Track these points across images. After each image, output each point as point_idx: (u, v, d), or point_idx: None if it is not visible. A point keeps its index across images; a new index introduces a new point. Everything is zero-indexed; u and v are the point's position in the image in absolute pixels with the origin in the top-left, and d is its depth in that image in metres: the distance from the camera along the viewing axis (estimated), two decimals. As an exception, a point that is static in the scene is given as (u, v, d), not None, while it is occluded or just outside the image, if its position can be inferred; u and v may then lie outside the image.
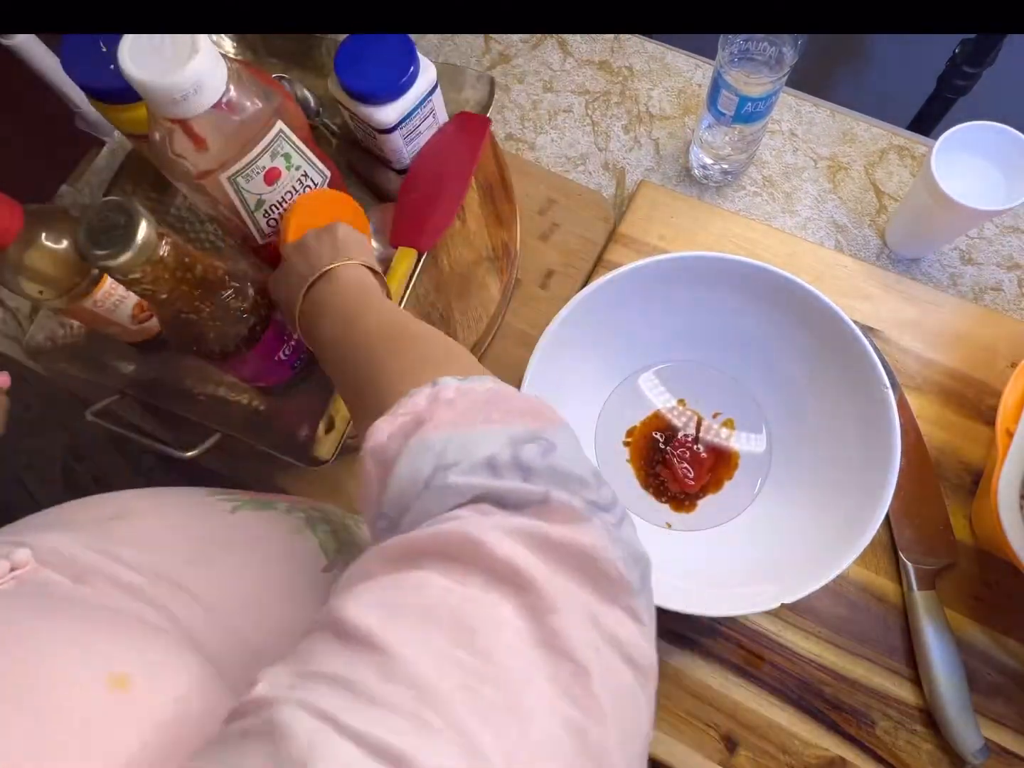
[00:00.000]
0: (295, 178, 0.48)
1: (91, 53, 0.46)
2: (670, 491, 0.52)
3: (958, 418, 0.54)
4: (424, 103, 0.52)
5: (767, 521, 0.50)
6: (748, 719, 0.49)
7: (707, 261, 0.48)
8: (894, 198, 0.62)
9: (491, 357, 0.58)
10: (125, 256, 0.34)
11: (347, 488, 0.56)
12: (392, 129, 0.52)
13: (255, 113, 0.42)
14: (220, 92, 0.39)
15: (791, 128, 0.65)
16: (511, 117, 0.68)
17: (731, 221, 0.60)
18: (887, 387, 0.45)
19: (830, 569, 0.42)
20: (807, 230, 0.62)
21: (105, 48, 0.46)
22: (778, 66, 0.50)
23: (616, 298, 0.50)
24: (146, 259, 0.35)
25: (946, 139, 0.51)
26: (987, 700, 0.48)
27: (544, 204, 0.62)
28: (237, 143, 0.42)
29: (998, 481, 0.44)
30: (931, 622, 0.48)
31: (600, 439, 0.54)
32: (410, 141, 0.55)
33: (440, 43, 0.72)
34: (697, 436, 0.54)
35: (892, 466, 0.43)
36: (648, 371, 0.55)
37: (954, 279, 0.60)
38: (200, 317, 0.41)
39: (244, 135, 0.42)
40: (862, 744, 0.48)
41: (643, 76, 0.69)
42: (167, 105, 0.38)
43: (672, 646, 0.50)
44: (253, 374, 0.49)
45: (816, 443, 0.50)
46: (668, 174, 0.65)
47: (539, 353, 0.47)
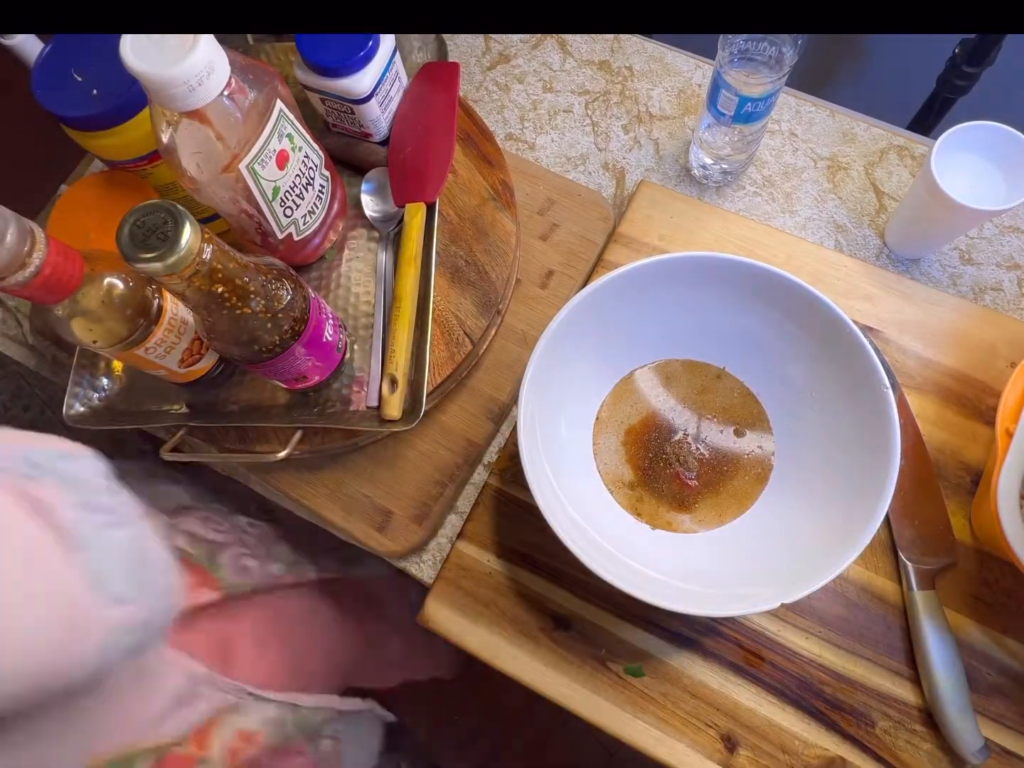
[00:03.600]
0: (299, 159, 0.48)
1: (63, 80, 0.47)
2: (669, 491, 0.52)
3: (958, 418, 0.54)
4: (390, 66, 0.54)
5: (767, 521, 0.50)
6: (748, 719, 0.49)
7: (707, 261, 0.48)
8: (894, 198, 0.62)
9: (491, 357, 0.58)
10: (172, 258, 0.34)
11: (348, 489, 0.56)
12: (368, 97, 0.53)
13: (259, 95, 0.42)
14: (228, 74, 0.39)
15: (791, 128, 0.65)
16: (511, 117, 0.68)
17: (731, 221, 0.60)
18: (887, 387, 0.45)
19: (830, 569, 0.42)
20: (807, 230, 0.62)
21: (79, 77, 0.47)
22: (778, 66, 0.50)
23: (616, 298, 0.50)
24: (194, 259, 0.35)
25: (946, 139, 0.51)
26: (987, 700, 0.48)
27: (544, 204, 0.62)
28: (249, 126, 0.42)
29: (998, 481, 0.44)
30: (931, 622, 0.48)
31: (599, 439, 0.54)
32: (385, 108, 0.56)
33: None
34: (697, 436, 0.54)
35: (892, 466, 0.43)
36: (648, 371, 0.55)
37: (954, 279, 0.60)
38: (252, 311, 0.41)
39: (253, 117, 0.42)
40: (862, 744, 0.48)
41: (643, 76, 0.69)
42: (181, 96, 0.38)
43: (672, 646, 0.51)
44: (308, 368, 0.49)
45: (816, 443, 0.50)
46: (668, 174, 0.65)
47: (539, 353, 0.47)
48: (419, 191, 0.55)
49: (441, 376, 0.53)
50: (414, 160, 0.56)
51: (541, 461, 0.47)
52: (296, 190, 0.49)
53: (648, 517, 0.52)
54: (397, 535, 0.55)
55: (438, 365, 0.54)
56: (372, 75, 0.52)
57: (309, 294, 0.46)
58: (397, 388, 0.50)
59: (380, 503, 0.55)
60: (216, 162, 0.42)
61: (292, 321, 0.44)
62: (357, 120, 0.55)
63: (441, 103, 0.57)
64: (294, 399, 0.54)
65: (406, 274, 0.52)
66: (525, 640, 0.51)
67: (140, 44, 0.37)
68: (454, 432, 0.57)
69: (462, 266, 0.56)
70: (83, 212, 0.51)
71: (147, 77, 0.37)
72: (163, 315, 0.46)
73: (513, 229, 0.57)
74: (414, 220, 0.54)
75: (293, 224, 0.51)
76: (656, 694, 0.50)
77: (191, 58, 0.36)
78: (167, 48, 0.37)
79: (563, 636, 0.51)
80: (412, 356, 0.52)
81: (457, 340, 0.54)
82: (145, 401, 0.56)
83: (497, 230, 0.57)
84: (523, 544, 0.54)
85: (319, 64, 0.51)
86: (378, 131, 0.57)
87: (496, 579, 0.53)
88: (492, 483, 0.55)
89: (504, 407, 0.57)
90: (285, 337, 0.44)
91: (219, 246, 0.37)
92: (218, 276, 0.38)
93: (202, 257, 0.36)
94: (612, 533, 0.49)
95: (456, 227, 0.57)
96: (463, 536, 0.54)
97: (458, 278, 0.56)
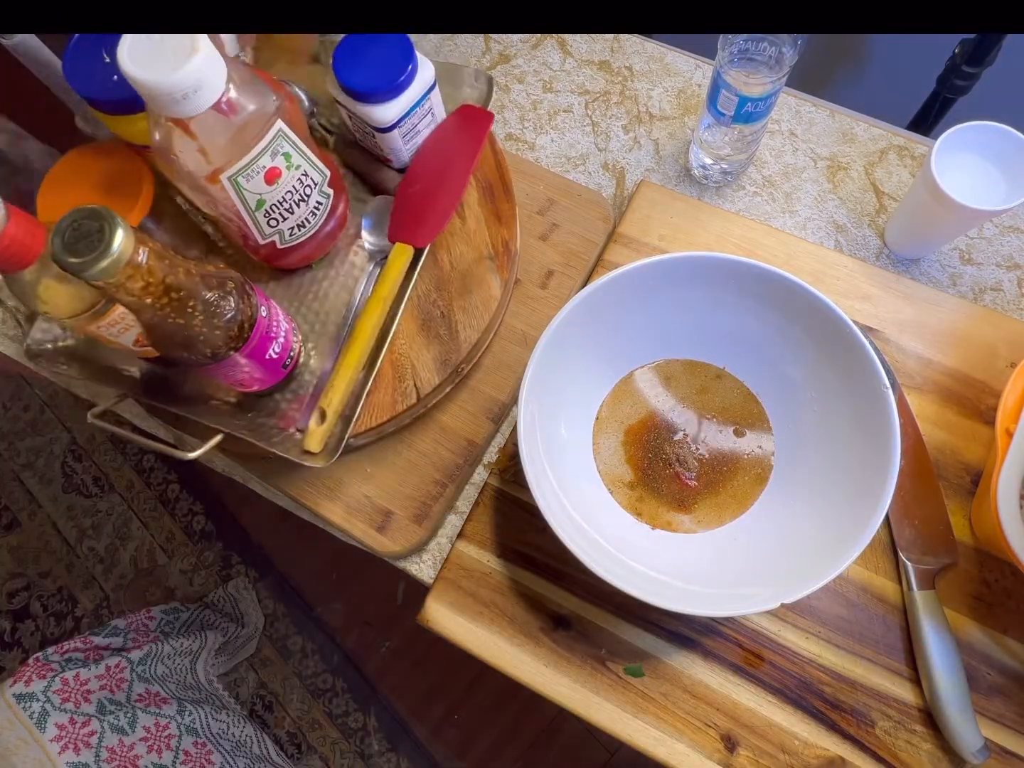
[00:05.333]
0: (295, 177, 0.48)
1: (93, 63, 0.46)
2: (669, 491, 0.52)
3: (958, 418, 0.54)
4: (422, 102, 0.53)
5: (767, 521, 0.50)
6: (748, 719, 0.49)
7: (707, 261, 0.48)
8: (894, 198, 0.62)
9: (491, 357, 0.58)
10: (102, 263, 0.34)
11: (348, 489, 0.56)
12: (390, 128, 0.52)
13: (255, 113, 0.42)
14: (220, 92, 0.39)
15: (791, 128, 0.65)
16: (511, 117, 0.68)
17: (731, 221, 0.60)
18: (887, 387, 0.45)
19: (830, 569, 0.42)
20: (807, 230, 0.62)
21: (108, 59, 0.46)
22: (778, 66, 0.50)
23: (616, 298, 0.50)
24: (124, 266, 0.35)
25: (946, 139, 0.51)
26: (987, 700, 0.48)
27: (544, 204, 0.62)
28: (237, 143, 0.42)
29: (998, 481, 0.44)
30: (931, 622, 0.48)
31: (599, 439, 0.54)
32: (409, 140, 0.55)
33: (440, 43, 0.72)
34: (697, 436, 0.54)
35: (892, 466, 0.43)
36: (647, 371, 0.55)
37: (954, 279, 0.60)
38: (186, 321, 0.41)
39: (244, 135, 0.42)
40: (862, 744, 0.48)
41: (643, 76, 0.69)
42: (167, 105, 0.38)
43: (672, 646, 0.51)
44: (247, 377, 0.49)
45: (816, 443, 0.50)
46: (668, 174, 0.65)
47: (538, 353, 0.47)
48: (412, 234, 0.54)
49: (375, 420, 0.53)
50: (418, 200, 0.55)
51: (541, 461, 0.47)
52: (285, 204, 0.48)
53: (648, 517, 0.52)
54: (397, 535, 0.55)
55: (378, 408, 0.53)
56: (399, 107, 0.51)
57: (258, 311, 0.46)
58: (325, 423, 0.50)
59: (380, 503, 0.55)
60: (199, 170, 0.42)
61: (229, 338, 0.44)
62: (378, 144, 0.55)
63: (463, 151, 0.55)
64: (246, 399, 0.54)
65: (371, 312, 0.52)
66: (525, 640, 0.51)
67: (138, 47, 0.37)
68: (454, 432, 0.57)
69: (436, 317, 0.55)
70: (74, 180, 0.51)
71: (134, 80, 0.37)
72: None
73: (498, 295, 0.55)
74: (397, 261, 0.53)
75: (277, 234, 0.50)
76: (656, 694, 0.50)
77: (178, 73, 0.37)
78: (162, 56, 0.37)
79: (563, 636, 0.51)
80: (354, 394, 0.51)
81: (404, 390, 0.53)
82: (108, 355, 0.55)
83: (483, 292, 0.55)
84: (523, 544, 0.54)
85: (348, 86, 0.50)
86: (398, 160, 0.56)
87: (496, 579, 0.53)
88: (492, 483, 0.55)
89: (504, 407, 0.57)
90: (220, 351, 0.44)
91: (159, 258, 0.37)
92: (151, 288, 0.37)
93: (134, 267, 0.35)
94: (612, 533, 0.49)
95: (445, 276, 0.56)
96: (463, 536, 0.54)
97: (428, 327, 0.55)
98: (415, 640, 1.32)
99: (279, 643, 1.35)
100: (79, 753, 0.84)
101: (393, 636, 1.33)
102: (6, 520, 1.48)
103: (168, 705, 1.01)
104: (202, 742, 1.02)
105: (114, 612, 1.41)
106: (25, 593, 1.43)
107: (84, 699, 0.90)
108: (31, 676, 0.87)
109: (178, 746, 0.98)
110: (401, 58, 0.50)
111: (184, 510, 1.46)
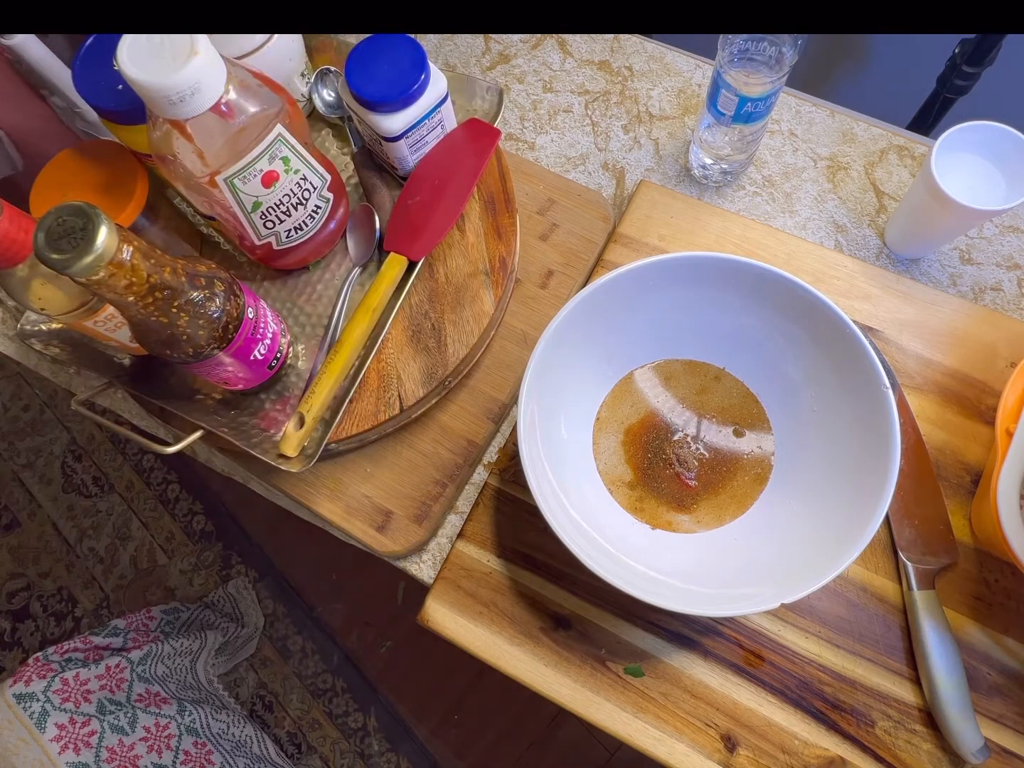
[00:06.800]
0: (293, 181, 0.48)
1: (102, 71, 0.46)
2: (669, 491, 0.52)
3: (958, 418, 0.54)
4: (432, 114, 0.52)
5: (767, 521, 0.50)
6: (748, 719, 0.49)
7: (707, 261, 0.48)
8: (894, 198, 0.62)
9: (490, 357, 0.58)
10: (84, 260, 0.33)
11: (348, 489, 0.56)
12: (397, 138, 0.52)
13: (255, 116, 0.42)
14: (218, 95, 0.39)
15: (791, 128, 0.65)
16: (511, 117, 0.68)
17: (731, 221, 0.60)
18: (887, 387, 0.45)
19: (830, 569, 0.42)
20: (807, 230, 0.62)
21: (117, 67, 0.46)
22: (778, 66, 0.50)
23: (616, 298, 0.50)
24: (108, 263, 0.34)
25: (946, 139, 0.51)
26: (987, 700, 0.48)
27: (544, 204, 0.62)
28: (235, 146, 0.42)
29: (998, 481, 0.44)
30: (931, 622, 0.48)
31: (599, 439, 0.54)
32: (416, 150, 0.55)
33: (440, 43, 0.72)
34: (697, 436, 0.54)
35: (892, 466, 0.43)
36: (647, 371, 0.55)
37: (954, 279, 0.60)
38: (170, 320, 0.41)
39: (242, 138, 0.42)
40: (862, 744, 0.48)
41: (643, 76, 0.69)
42: (164, 106, 0.38)
43: (672, 646, 0.51)
44: (231, 376, 0.49)
45: (816, 443, 0.50)
46: (668, 174, 0.65)
47: (538, 353, 0.47)
48: (408, 246, 0.53)
49: (357, 428, 0.52)
50: (417, 212, 0.54)
51: (541, 461, 0.47)
52: (282, 207, 0.48)
53: (648, 517, 0.52)
54: (397, 535, 0.55)
55: (361, 417, 0.53)
56: (407, 119, 0.51)
57: (245, 312, 0.46)
58: (303, 428, 0.49)
59: (380, 503, 0.55)
60: (196, 172, 0.42)
61: (213, 338, 0.44)
62: (384, 151, 0.55)
63: (467, 167, 0.55)
64: (231, 396, 0.54)
65: (359, 321, 0.51)
66: (525, 640, 0.51)
67: (137, 48, 0.37)
68: (454, 432, 0.57)
69: (427, 329, 0.55)
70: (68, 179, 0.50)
71: (132, 80, 0.37)
72: None
73: (490, 311, 0.55)
74: (390, 272, 0.53)
75: (274, 235, 0.50)
76: (656, 694, 0.50)
77: (177, 75, 0.37)
78: (161, 57, 0.37)
79: (563, 636, 0.51)
80: (336, 400, 0.51)
81: (388, 400, 0.53)
82: (99, 343, 0.55)
83: (475, 307, 0.55)
84: (523, 544, 0.54)
85: (358, 93, 0.49)
86: (403, 168, 0.56)
87: (496, 579, 0.53)
88: (492, 483, 0.55)
89: (504, 407, 0.57)
90: (203, 351, 0.44)
91: (144, 257, 0.37)
92: (134, 287, 0.37)
93: (117, 265, 0.35)
94: (612, 533, 0.49)
95: (439, 288, 0.56)
96: (463, 536, 0.54)
97: (417, 339, 0.55)
98: (415, 640, 1.32)
99: (279, 643, 1.36)
100: (79, 753, 0.84)
101: (393, 636, 1.34)
102: (6, 520, 1.48)
103: (168, 705, 1.01)
104: (202, 742, 1.02)
105: (114, 612, 1.41)
106: (25, 593, 1.43)
107: (84, 699, 0.90)
108: (31, 676, 0.87)
109: (178, 746, 0.98)
110: (413, 69, 0.49)
111: (184, 510, 1.46)
